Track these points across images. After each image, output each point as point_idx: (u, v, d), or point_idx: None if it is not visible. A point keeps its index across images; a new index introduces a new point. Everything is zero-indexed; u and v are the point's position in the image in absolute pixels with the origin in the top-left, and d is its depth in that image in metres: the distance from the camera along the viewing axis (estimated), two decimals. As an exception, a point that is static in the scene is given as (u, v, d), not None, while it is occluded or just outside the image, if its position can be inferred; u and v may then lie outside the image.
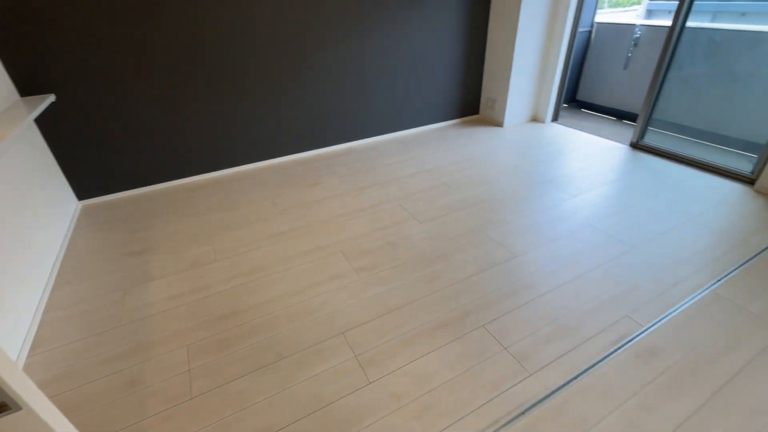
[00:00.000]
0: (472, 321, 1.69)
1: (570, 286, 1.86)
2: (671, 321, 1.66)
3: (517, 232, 2.27)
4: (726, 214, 2.36)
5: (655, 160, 3.07)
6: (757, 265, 1.95)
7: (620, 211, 2.44)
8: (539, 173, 2.94)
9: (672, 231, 2.23)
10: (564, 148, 3.38)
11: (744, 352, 1.51)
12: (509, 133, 3.73)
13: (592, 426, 1.28)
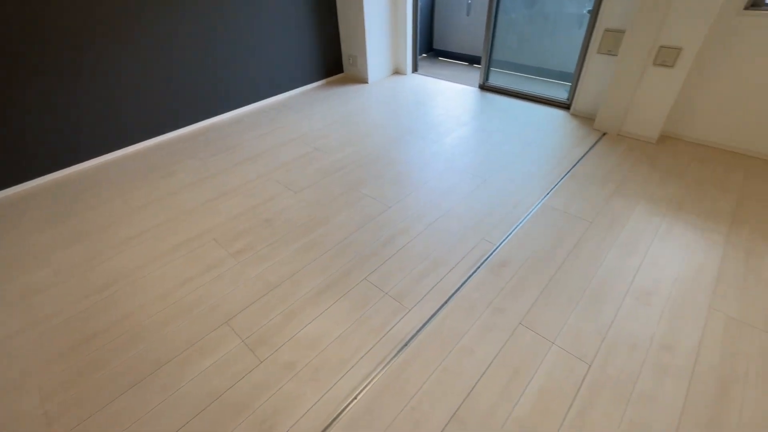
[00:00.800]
0: (354, 277, 1.78)
1: (437, 224, 2.06)
2: (515, 235, 1.97)
3: (389, 184, 2.40)
4: (551, 138, 2.82)
5: (499, 99, 3.47)
6: (573, 175, 2.41)
7: (474, 149, 2.73)
8: (404, 125, 3.09)
9: (514, 159, 2.59)
10: (425, 97, 3.58)
11: (566, 246, 1.89)
12: (374, 89, 3.79)
13: (461, 337, 1.50)
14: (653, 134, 2.69)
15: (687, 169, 2.41)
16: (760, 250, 1.82)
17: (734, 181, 2.28)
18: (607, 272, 1.74)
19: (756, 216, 2.02)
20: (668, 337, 1.47)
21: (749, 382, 1.31)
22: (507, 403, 1.29)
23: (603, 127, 2.87)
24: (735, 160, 2.48)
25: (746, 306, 1.56)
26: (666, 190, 2.24)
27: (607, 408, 1.26)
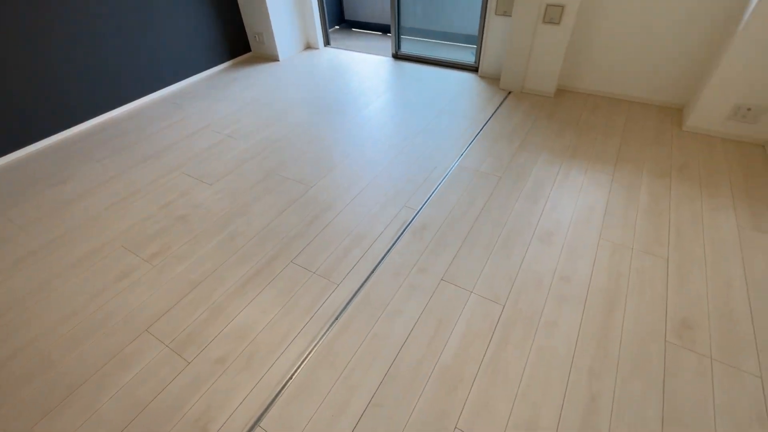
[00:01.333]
0: (280, 262, 1.76)
1: (360, 197, 2.09)
2: (434, 198, 2.07)
3: (310, 163, 2.36)
4: (463, 101, 2.93)
5: (413, 67, 3.51)
6: (483, 134, 2.55)
7: (392, 118, 2.76)
8: (321, 101, 3.03)
9: (429, 125, 2.67)
10: (340, 71, 3.51)
11: (479, 202, 2.02)
12: (286, 66, 3.64)
13: (388, 302, 1.57)
14: (550, 89, 2.91)
15: (579, 119, 2.66)
16: (637, 182, 2.09)
17: (617, 125, 2.57)
18: (515, 221, 1.90)
19: (635, 154, 2.30)
20: (567, 269, 1.66)
21: (629, 296, 1.54)
22: (433, 353, 1.39)
23: (508, 87, 3.04)
24: (618, 106, 2.77)
25: (627, 233, 1.81)
26: (563, 140, 2.46)
27: (519, 340, 1.42)
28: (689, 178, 2.11)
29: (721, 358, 1.33)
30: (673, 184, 2.07)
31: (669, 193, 2.01)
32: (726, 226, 1.81)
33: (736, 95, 2.25)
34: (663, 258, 1.68)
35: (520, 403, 1.25)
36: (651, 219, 1.87)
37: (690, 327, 1.43)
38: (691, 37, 2.44)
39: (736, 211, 1.89)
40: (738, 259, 1.66)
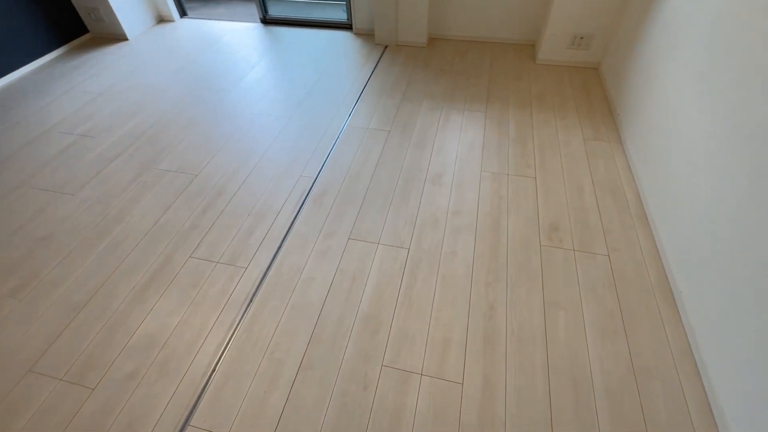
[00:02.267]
0: (177, 259, 1.64)
1: (253, 176, 2.01)
2: (329, 162, 2.07)
3: (190, 150, 2.17)
4: (342, 61, 2.90)
5: (284, 30, 3.33)
6: (367, 92, 2.58)
7: (272, 88, 2.63)
8: (189, 80, 2.74)
9: (312, 89, 2.61)
10: (204, 44, 3.18)
11: (373, 158, 2.08)
12: (139, 45, 3.18)
13: (302, 270, 1.58)
14: (423, 39, 3.02)
15: (452, 64, 2.83)
16: (506, 116, 2.34)
17: (484, 66, 2.80)
18: (408, 170, 2.01)
19: (501, 90, 2.55)
20: (457, 204, 1.83)
21: (509, 214, 1.78)
22: (352, 307, 1.47)
23: (383, 41, 3.07)
24: (483, 48, 3.00)
25: (502, 161, 2.04)
26: (440, 86, 2.61)
27: (426, 275, 1.56)
28: (545, 105, 2.42)
29: (581, 248, 1.63)
30: (533, 112, 2.36)
31: (531, 121, 2.29)
32: (575, 141, 2.15)
33: (570, 27, 2.59)
34: (532, 177, 1.95)
35: (435, 327, 1.40)
36: (519, 146, 2.13)
37: (557, 229, 1.71)
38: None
39: (582, 127, 2.24)
40: (585, 166, 2.00)
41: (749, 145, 1.18)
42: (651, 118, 1.85)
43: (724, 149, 1.29)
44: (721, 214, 1.26)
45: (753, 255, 1.10)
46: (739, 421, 1.07)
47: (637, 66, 2.10)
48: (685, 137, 1.54)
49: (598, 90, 2.52)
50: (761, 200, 1.09)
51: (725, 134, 1.30)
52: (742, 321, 1.10)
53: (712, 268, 1.27)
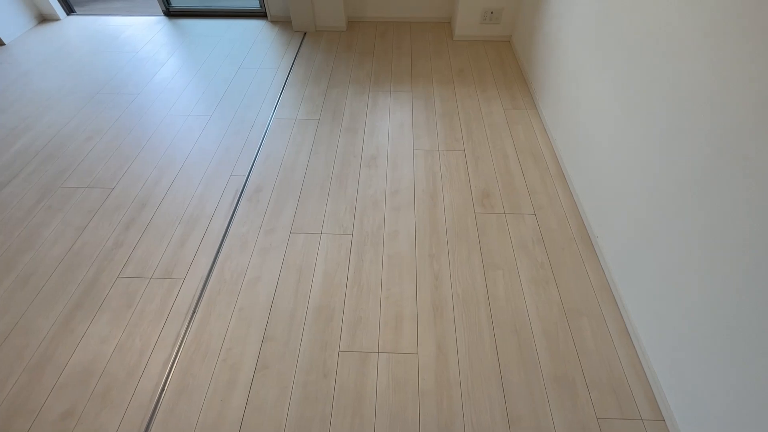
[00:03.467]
0: (104, 282, 1.51)
1: (179, 181, 1.88)
2: (260, 158, 2.00)
3: (99, 163, 1.97)
4: (260, 51, 2.78)
5: (193, 23, 3.10)
6: (291, 81, 2.51)
7: (187, 86, 2.45)
8: (88, 85, 2.46)
9: (232, 84, 2.48)
10: (99, 43, 2.87)
11: (306, 148, 2.05)
12: (18, 50, 2.78)
13: (245, 271, 1.53)
14: (342, 23, 2.98)
15: (374, 45, 2.83)
16: (431, 93, 2.40)
17: (405, 46, 2.83)
18: (342, 156, 2.01)
19: (423, 69, 2.61)
20: (394, 184, 1.87)
21: (444, 187, 1.85)
22: (302, 300, 1.46)
23: (301, 28, 2.98)
24: (403, 28, 3.03)
25: (432, 138, 2.11)
26: (364, 69, 2.61)
27: (372, 257, 1.59)
28: (466, 79, 2.52)
29: (511, 211, 1.76)
30: (456, 88, 2.45)
31: (455, 96, 2.38)
32: (496, 111, 2.27)
33: (480, 3, 2.69)
34: (461, 150, 2.04)
35: (386, 305, 1.44)
36: (446, 121, 2.21)
37: (488, 196, 1.82)
38: (437, -46, 2.76)
39: (501, 97, 2.37)
40: (507, 134, 2.13)
41: (639, 96, 1.33)
42: (558, 86, 2.01)
43: (618, 103, 1.45)
44: (620, 161, 1.42)
45: (647, 194, 1.26)
46: (650, 336, 1.25)
47: (541, 36, 2.25)
48: (585, 98, 1.70)
49: (512, 62, 2.67)
50: (651, 145, 1.25)
51: (618, 91, 1.46)
52: (644, 254, 1.27)
53: (617, 211, 1.43)
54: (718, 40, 1.00)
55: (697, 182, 1.05)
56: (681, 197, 1.11)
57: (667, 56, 1.19)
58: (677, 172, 1.13)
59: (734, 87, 0.94)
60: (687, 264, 1.09)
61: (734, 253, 0.93)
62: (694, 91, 1.08)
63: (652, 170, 1.24)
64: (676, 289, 1.13)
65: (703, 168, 1.03)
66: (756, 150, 0.88)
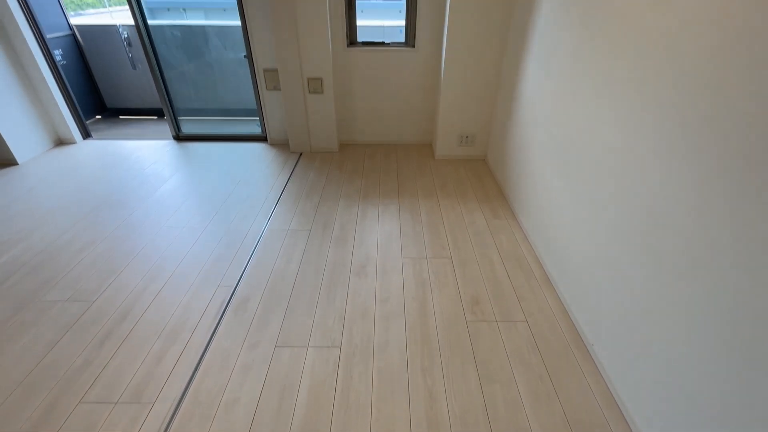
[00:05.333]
0: (63, 407, 1.35)
1: (165, 292, 1.85)
2: (250, 269, 2.02)
3: (86, 275, 1.95)
4: (259, 169, 3.03)
5: (199, 146, 3.43)
6: (285, 195, 2.68)
7: (186, 200, 2.59)
8: (91, 199, 2.58)
9: (229, 198, 2.63)
10: (111, 163, 3.10)
11: (296, 259, 2.09)
12: (30, 169, 2.98)
13: (223, 392, 1.41)
14: (334, 146, 3.34)
15: (363, 164, 3.13)
16: (416, 205, 2.58)
17: (392, 165, 3.14)
18: (332, 266, 2.04)
19: (409, 184, 2.85)
20: (384, 292, 1.87)
21: (434, 295, 1.85)
22: (284, 422, 1.31)
23: (298, 149, 3.32)
24: (390, 150, 3.40)
25: (419, 246, 2.19)
26: (354, 185, 2.83)
27: (361, 371, 1.49)
28: (448, 193, 2.74)
29: (502, 318, 1.74)
30: (440, 200, 2.65)
31: (439, 208, 2.56)
32: (479, 221, 2.42)
33: (456, 129, 3.10)
34: (448, 258, 2.11)
35: (377, 425, 1.30)
36: (432, 230, 2.33)
37: (478, 302, 1.82)
38: (417, 94, 3.27)
39: (482, 209, 2.56)
40: (491, 242, 2.23)
41: (606, 205, 1.46)
42: (531, 198, 2.20)
43: (586, 210, 1.58)
44: (602, 272, 1.49)
45: (632, 305, 1.29)
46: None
47: (511, 156, 2.55)
48: (556, 207, 1.85)
49: (489, 177, 2.95)
50: (622, 250, 1.33)
51: (583, 201, 1.60)
52: (641, 362, 1.24)
53: (608, 320, 1.44)
54: (665, 161, 1.16)
55: (678, 290, 1.09)
56: (668, 306, 1.14)
57: (623, 174, 1.35)
58: (656, 280, 1.18)
59: (682, 205, 1.06)
60: (688, 371, 1.06)
61: (728, 362, 0.92)
62: (647, 204, 1.20)
63: (633, 283, 1.29)
64: (683, 400, 1.08)
65: (680, 272, 1.09)
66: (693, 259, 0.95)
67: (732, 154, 0.92)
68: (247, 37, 2.99)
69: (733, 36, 0.93)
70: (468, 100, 2.97)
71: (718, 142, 0.96)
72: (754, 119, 0.87)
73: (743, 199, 0.89)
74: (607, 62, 1.46)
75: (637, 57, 1.28)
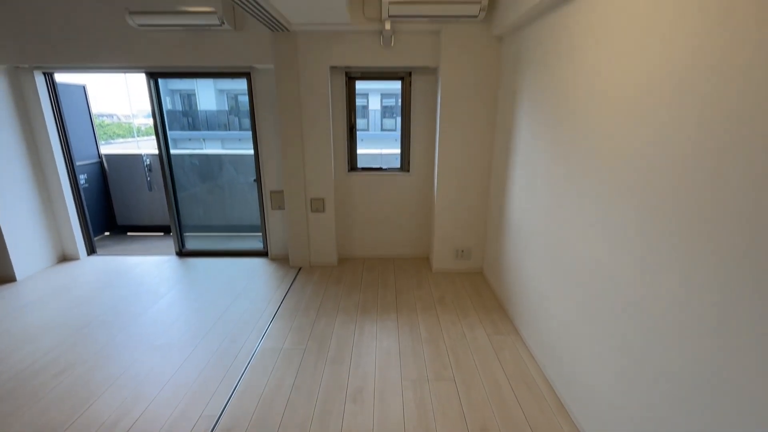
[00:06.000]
0: None
1: (139, 425, 1.66)
2: (238, 392, 1.86)
3: (56, 404, 1.78)
4: (257, 284, 3.03)
5: (201, 261, 3.49)
6: (282, 310, 2.63)
7: (180, 316, 2.52)
8: (78, 319, 2.51)
9: (225, 313, 2.57)
10: (109, 279, 3.11)
11: (288, 380, 1.94)
12: (26, 287, 2.96)
13: None
14: (333, 260, 3.40)
15: (361, 279, 3.14)
16: (415, 321, 2.51)
17: (390, 277, 3.16)
18: (327, 389, 1.89)
19: (407, 298, 2.82)
20: (382, 421, 1.69)
21: (437, 420, 1.67)
22: None
23: (297, 264, 3.37)
24: (387, 263, 3.46)
25: (419, 366, 2.06)
26: (352, 299, 2.80)
27: None
28: (447, 307, 2.70)
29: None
30: (439, 315, 2.59)
31: (438, 324, 2.49)
32: (480, 336, 2.33)
33: (452, 243, 3.21)
34: (451, 379, 1.96)
35: None
36: (432, 348, 2.22)
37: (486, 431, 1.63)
38: (413, 212, 3.48)
39: (482, 323, 2.48)
40: (495, 359, 2.11)
41: (608, 323, 1.43)
42: (530, 311, 2.17)
43: (588, 327, 1.54)
44: (615, 391, 1.38)
45: (645, 416, 1.17)
46: None
47: (507, 270, 2.59)
48: (558, 323, 1.81)
49: (487, 290, 2.95)
50: (637, 373, 1.26)
51: (584, 317, 1.58)
52: None
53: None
54: (647, 275, 1.19)
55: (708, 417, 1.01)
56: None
57: (612, 288, 1.37)
58: (684, 410, 1.10)
59: (670, 321, 1.06)
60: None
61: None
62: (643, 322, 1.19)
63: (656, 410, 1.20)
64: None
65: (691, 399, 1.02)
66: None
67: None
68: (258, 163, 3.33)
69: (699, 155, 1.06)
70: (461, 217, 3.15)
71: (710, 253, 1.01)
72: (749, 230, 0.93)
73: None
74: (581, 180, 1.62)
75: (608, 175, 1.43)
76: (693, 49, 1.04)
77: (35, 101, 3.12)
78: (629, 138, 1.30)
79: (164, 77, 3.25)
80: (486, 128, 2.94)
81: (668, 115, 1.13)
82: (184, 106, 11.86)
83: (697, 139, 1.03)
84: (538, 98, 2.10)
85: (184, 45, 2.92)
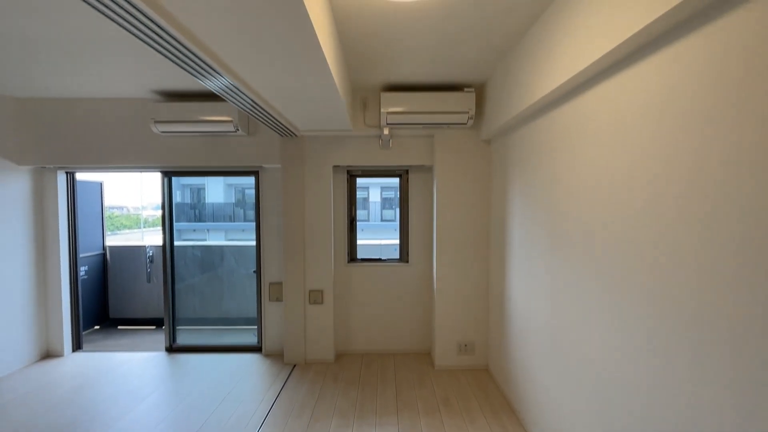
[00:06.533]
0: None
1: None
2: None
3: None
4: (248, 382, 2.83)
5: (191, 357, 3.31)
6: (273, 414, 2.41)
7: (161, 421, 2.31)
8: (57, 422, 2.30)
9: (210, 418, 2.35)
10: (88, 380, 2.91)
11: (275, 504, 1.70)
12: (6, 386, 2.76)
13: None
14: (330, 356, 3.24)
15: (359, 375, 2.95)
16: (417, 425, 2.29)
17: (389, 375, 2.96)
18: None
19: (408, 398, 2.62)
20: None
21: None
22: None
23: (292, 360, 3.20)
24: (386, 359, 3.28)
25: (425, 483, 1.82)
26: (349, 399, 2.59)
27: None
28: (452, 410, 2.48)
29: None
30: (444, 418, 2.38)
31: (444, 429, 2.27)
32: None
33: (454, 337, 3.09)
34: (460, 499, 1.72)
35: None
36: (438, 459, 1.99)
37: None
38: (413, 304, 3.43)
39: (491, 428, 2.27)
40: (509, 475, 1.87)
41: (625, 412, 1.32)
42: (542, 412, 2.00)
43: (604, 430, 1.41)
44: None
45: None
46: None
47: (513, 366, 2.46)
48: (573, 427, 1.66)
49: (493, 389, 2.75)
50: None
51: (600, 420, 1.46)
52: None
53: None
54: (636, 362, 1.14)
55: None
56: None
57: (631, 388, 1.30)
58: None
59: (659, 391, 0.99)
60: None
61: None
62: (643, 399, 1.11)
63: None
64: None
65: None
66: None
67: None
68: (259, 254, 3.38)
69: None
70: (462, 309, 3.09)
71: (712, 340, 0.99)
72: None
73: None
74: (573, 275, 1.64)
75: (606, 269, 1.46)
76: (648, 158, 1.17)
77: (53, 197, 3.30)
78: (603, 234, 1.37)
79: (178, 176, 3.49)
80: (481, 221, 3.07)
81: (643, 205, 1.21)
82: (192, 199, 12.45)
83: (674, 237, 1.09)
84: (526, 193, 2.24)
85: (199, 148, 3.20)
